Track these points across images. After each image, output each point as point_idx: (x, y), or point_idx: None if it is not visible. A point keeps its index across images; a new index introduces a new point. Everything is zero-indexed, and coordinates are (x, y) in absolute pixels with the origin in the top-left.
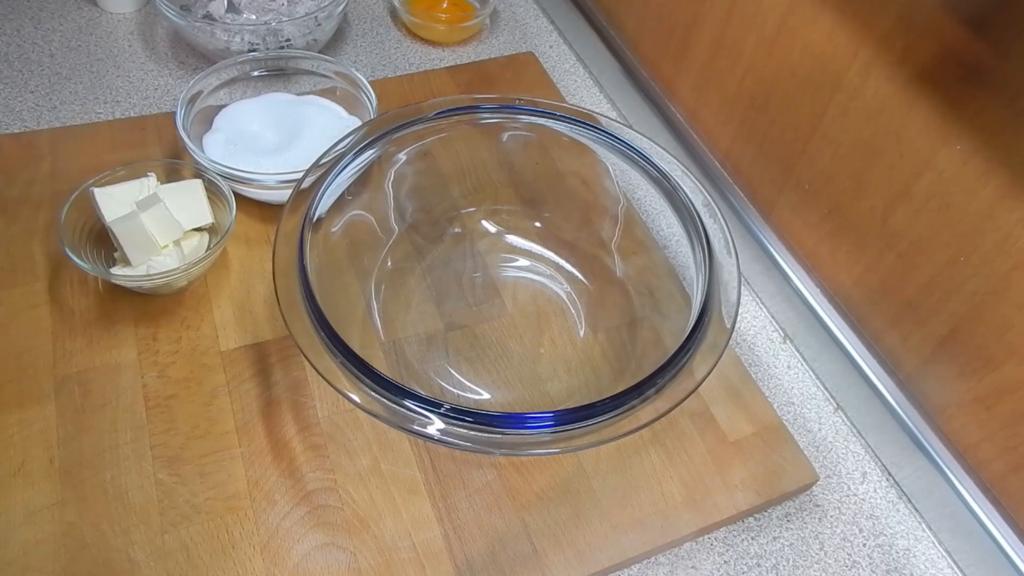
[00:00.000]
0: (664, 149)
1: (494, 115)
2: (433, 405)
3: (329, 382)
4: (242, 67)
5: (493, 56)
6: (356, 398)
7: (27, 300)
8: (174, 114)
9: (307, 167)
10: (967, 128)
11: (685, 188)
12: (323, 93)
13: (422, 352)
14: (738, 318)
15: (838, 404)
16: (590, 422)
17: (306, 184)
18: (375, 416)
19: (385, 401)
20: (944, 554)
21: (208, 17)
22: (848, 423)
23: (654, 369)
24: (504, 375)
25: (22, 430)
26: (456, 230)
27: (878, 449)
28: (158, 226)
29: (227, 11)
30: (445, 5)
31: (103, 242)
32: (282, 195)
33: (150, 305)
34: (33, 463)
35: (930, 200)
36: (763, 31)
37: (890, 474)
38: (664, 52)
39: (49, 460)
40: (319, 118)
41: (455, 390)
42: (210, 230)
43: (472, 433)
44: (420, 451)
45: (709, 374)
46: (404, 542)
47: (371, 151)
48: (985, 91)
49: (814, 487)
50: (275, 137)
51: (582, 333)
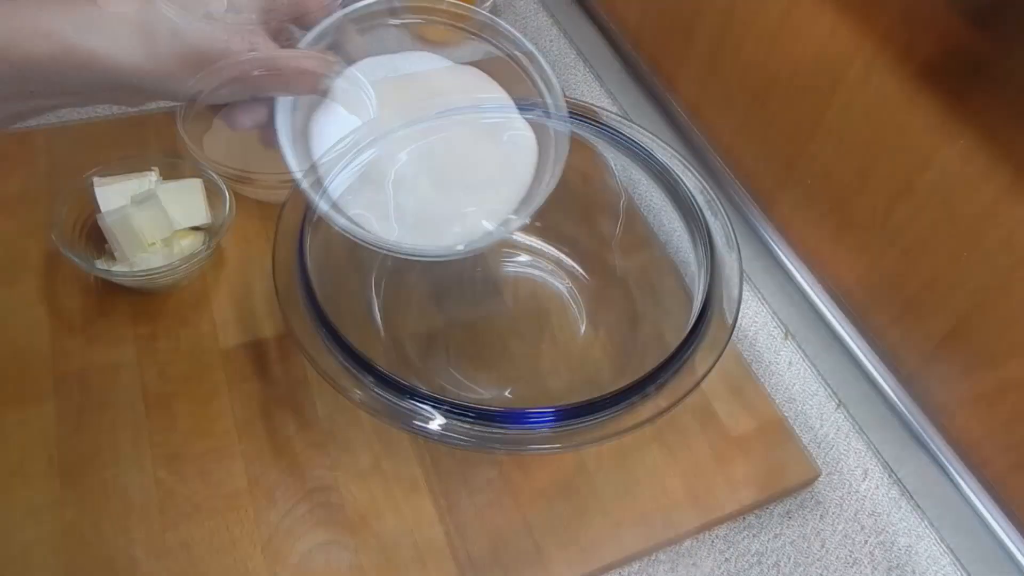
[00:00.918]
0: (665, 144)
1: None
2: (434, 402)
3: (329, 380)
4: (242, 67)
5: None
6: (357, 396)
7: (25, 299)
8: (174, 112)
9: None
10: (969, 124)
11: (686, 183)
12: None
13: (423, 349)
14: (739, 314)
15: (840, 401)
16: (591, 418)
17: (306, 183)
18: (376, 414)
19: (386, 398)
20: (946, 551)
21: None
22: (850, 420)
23: (655, 365)
24: (505, 372)
25: (21, 429)
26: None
27: (880, 446)
28: (149, 223)
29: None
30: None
31: (98, 237)
32: (282, 195)
33: (149, 303)
34: (32, 462)
35: (932, 197)
36: (765, 26)
37: (892, 471)
38: (665, 47)
39: (48, 459)
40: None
41: (456, 387)
42: (207, 230)
43: (473, 430)
44: (421, 448)
45: (711, 370)
46: (405, 540)
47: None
48: (988, 87)
49: (815, 484)
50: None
51: (583, 329)
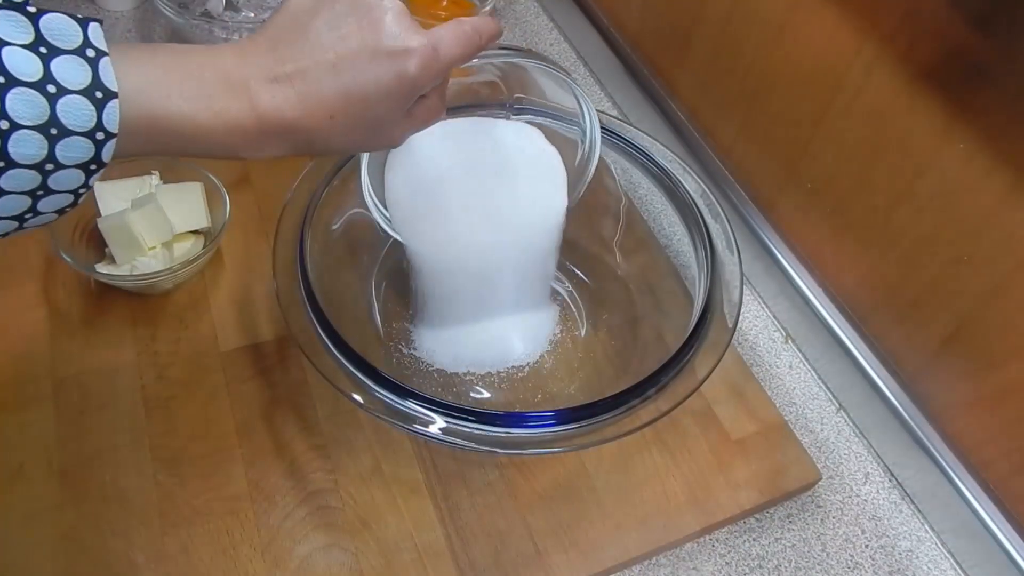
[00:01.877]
0: (665, 147)
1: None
2: (435, 404)
3: (330, 382)
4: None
5: None
6: (357, 398)
7: (24, 302)
8: None
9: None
10: (970, 127)
11: (687, 186)
12: None
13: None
14: (740, 317)
15: (840, 404)
16: (592, 421)
17: (306, 183)
18: (376, 416)
19: (386, 400)
20: (947, 555)
21: (206, 15)
22: (850, 423)
23: (656, 368)
24: (506, 374)
25: (21, 432)
26: None
27: (881, 450)
28: (148, 226)
29: (225, 9)
30: (445, 3)
31: (98, 240)
32: None
33: (148, 306)
34: (32, 465)
35: (933, 199)
36: (765, 28)
37: (893, 475)
38: (665, 49)
39: (48, 462)
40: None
41: (456, 389)
42: (206, 233)
43: (474, 432)
44: (421, 451)
45: (711, 373)
46: (406, 543)
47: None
48: (989, 90)
49: (816, 487)
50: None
51: (583, 332)
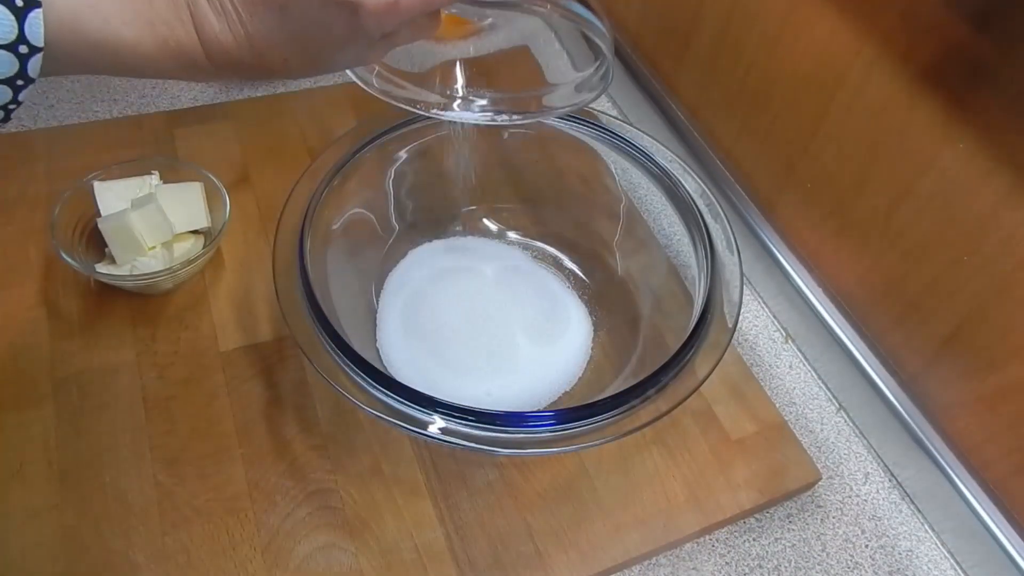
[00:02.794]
0: (665, 147)
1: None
2: (434, 404)
3: (330, 382)
4: None
5: (491, 52)
6: (357, 398)
7: (24, 301)
8: (173, 114)
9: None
10: (970, 127)
11: (687, 186)
12: None
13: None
14: (740, 317)
15: (840, 404)
16: (592, 421)
17: (306, 183)
18: (376, 416)
19: (386, 401)
20: (947, 555)
21: None
22: (850, 423)
23: (656, 368)
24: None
25: (20, 432)
26: (457, 228)
27: (881, 450)
28: (148, 227)
29: None
30: None
31: (98, 240)
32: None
33: (148, 306)
34: (32, 465)
35: (933, 199)
36: (765, 28)
37: (893, 475)
38: (665, 49)
39: (48, 462)
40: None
41: (456, 389)
42: (206, 233)
43: (473, 432)
44: (421, 451)
45: (711, 373)
46: (406, 543)
47: (371, 149)
48: (989, 89)
49: (816, 487)
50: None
51: None
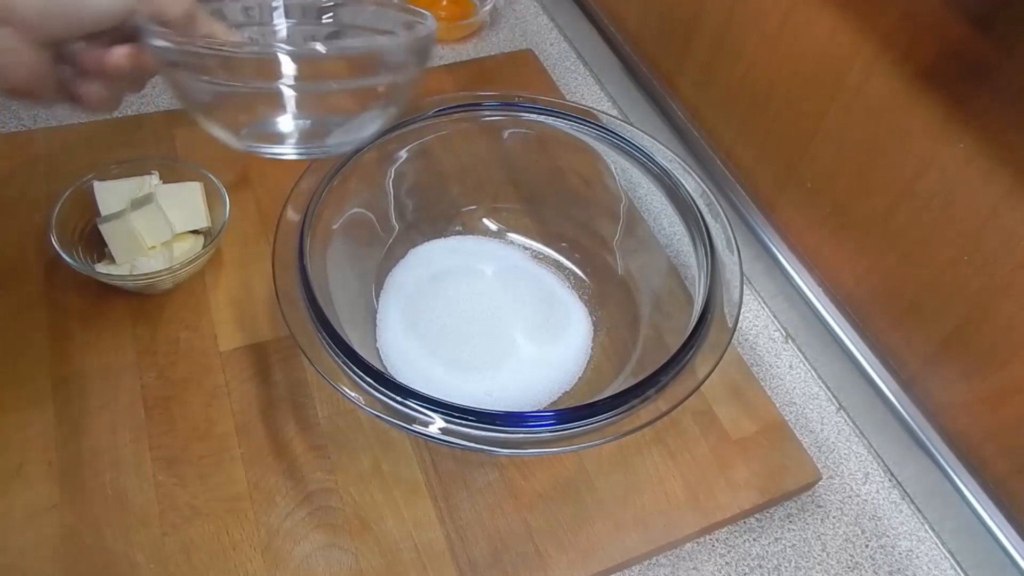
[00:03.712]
0: (665, 147)
1: (494, 113)
2: (435, 404)
3: (330, 382)
4: None
5: (492, 54)
6: (357, 397)
7: (24, 301)
8: (174, 114)
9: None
10: (970, 127)
11: (687, 186)
12: None
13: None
14: (740, 317)
15: (840, 404)
16: (592, 421)
17: (306, 182)
18: (376, 416)
19: (386, 400)
20: (947, 555)
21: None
22: (850, 423)
23: (656, 368)
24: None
25: (20, 432)
26: (457, 228)
27: (880, 449)
28: (148, 226)
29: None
30: (445, 2)
31: (98, 240)
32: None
33: (148, 305)
34: (32, 465)
35: (933, 199)
36: (765, 28)
37: (893, 475)
38: (665, 49)
39: (48, 462)
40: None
41: (456, 388)
42: (206, 233)
43: (474, 432)
44: (421, 451)
45: (711, 373)
46: (406, 543)
47: (371, 148)
48: (989, 89)
49: (816, 487)
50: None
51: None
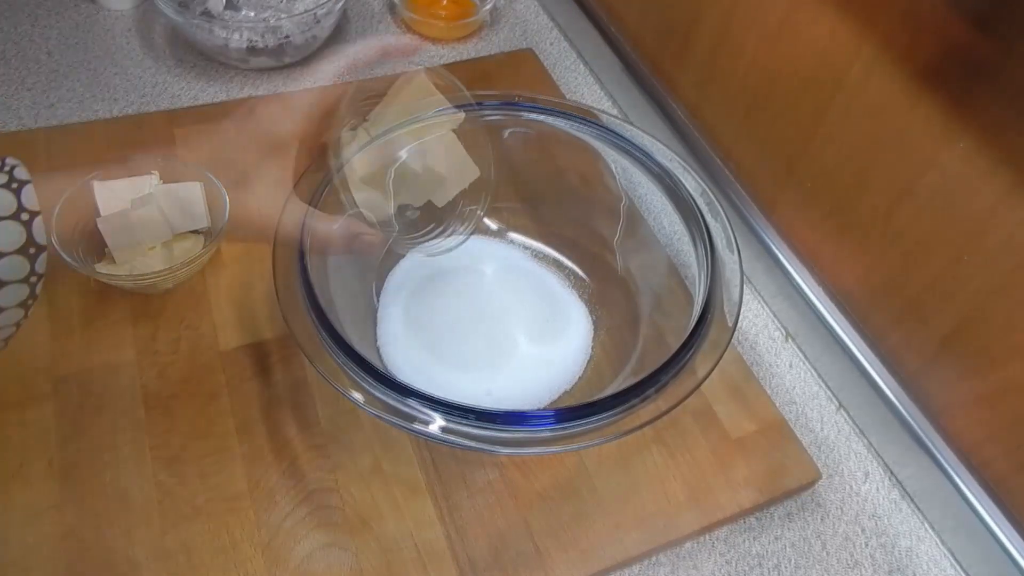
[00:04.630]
0: (665, 146)
1: (494, 113)
2: (435, 403)
3: (330, 381)
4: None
5: (493, 53)
6: (357, 397)
7: None
8: (174, 114)
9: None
10: (970, 126)
11: (687, 185)
12: None
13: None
14: (740, 316)
15: (840, 403)
16: (592, 420)
17: (306, 182)
18: (376, 415)
19: (387, 400)
20: (947, 554)
21: (206, 14)
22: (850, 422)
23: (656, 367)
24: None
25: (20, 431)
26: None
27: (880, 448)
28: (147, 227)
29: (225, 7)
30: (445, 2)
31: (98, 239)
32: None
33: (148, 305)
34: (32, 464)
35: (933, 199)
36: (765, 28)
37: (892, 474)
38: (665, 49)
39: (48, 461)
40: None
41: (456, 388)
42: (206, 233)
43: (474, 431)
44: (422, 450)
45: (711, 372)
46: (406, 542)
47: (371, 148)
48: (989, 89)
49: (816, 486)
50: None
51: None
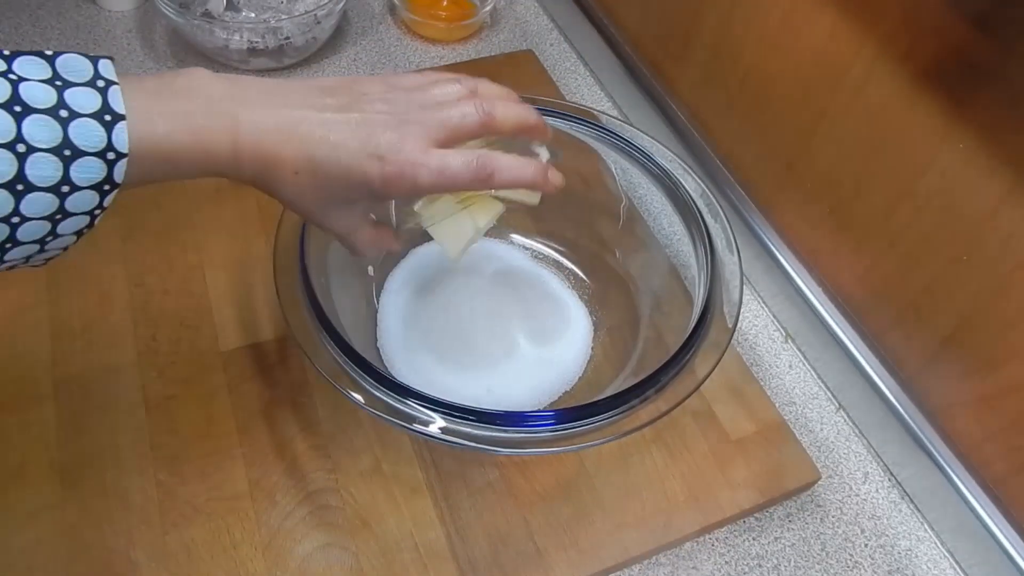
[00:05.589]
0: (665, 147)
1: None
2: (435, 404)
3: (330, 381)
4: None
5: (493, 54)
6: (358, 397)
7: (25, 301)
8: None
9: None
10: (970, 127)
11: (687, 186)
12: None
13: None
14: (740, 317)
15: (840, 404)
16: (592, 421)
17: None
18: (377, 415)
19: (387, 400)
20: (946, 555)
21: (207, 15)
22: (850, 423)
23: (656, 368)
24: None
25: (21, 432)
26: None
27: (880, 449)
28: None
29: (226, 9)
30: (445, 3)
31: None
32: None
33: (149, 305)
34: (33, 465)
35: (932, 199)
36: (765, 29)
37: (892, 474)
38: (665, 50)
39: (49, 462)
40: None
41: (455, 388)
42: None
43: (474, 432)
44: (422, 450)
45: (711, 373)
46: (406, 542)
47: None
48: (988, 90)
49: (816, 487)
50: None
51: None
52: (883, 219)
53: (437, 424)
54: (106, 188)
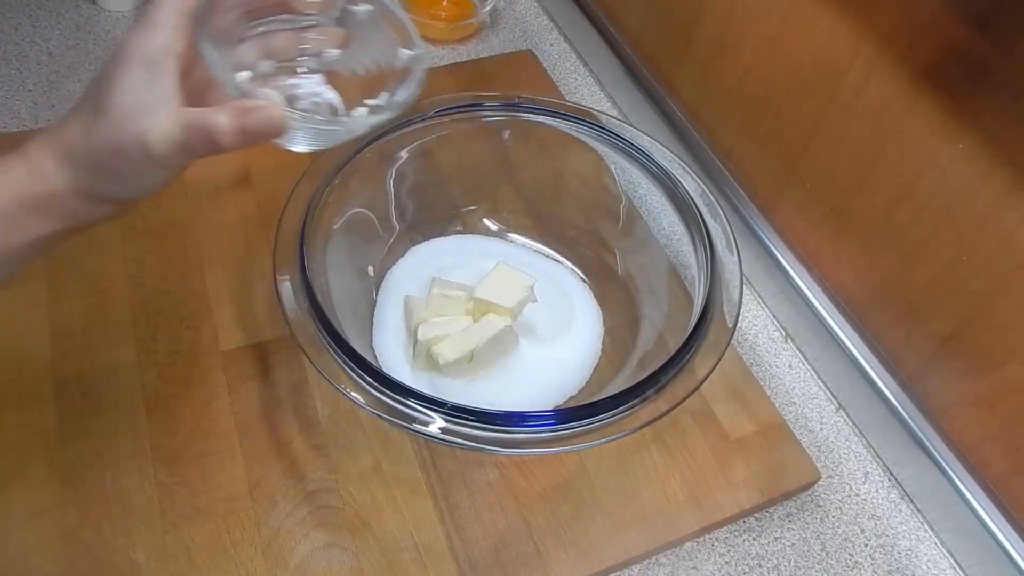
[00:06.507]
0: (665, 147)
1: (494, 113)
2: (435, 404)
3: (330, 381)
4: None
5: (493, 54)
6: (357, 397)
7: (25, 302)
8: None
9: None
10: (970, 127)
11: (686, 186)
12: None
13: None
14: (739, 317)
15: (840, 404)
16: (591, 421)
17: (306, 182)
18: (377, 415)
19: (387, 400)
20: (946, 554)
21: None
22: (850, 423)
23: (656, 368)
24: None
25: (21, 432)
26: (457, 228)
27: (880, 449)
28: None
29: None
30: (445, 3)
31: None
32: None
33: (149, 305)
34: (32, 465)
35: (932, 199)
36: (764, 29)
37: (892, 474)
38: (665, 50)
39: (48, 462)
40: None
41: (456, 388)
42: None
43: (474, 432)
44: (422, 450)
45: (711, 373)
46: (406, 542)
47: (372, 149)
48: (988, 90)
49: (816, 487)
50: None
51: None
52: (883, 219)
53: (437, 424)
54: None
